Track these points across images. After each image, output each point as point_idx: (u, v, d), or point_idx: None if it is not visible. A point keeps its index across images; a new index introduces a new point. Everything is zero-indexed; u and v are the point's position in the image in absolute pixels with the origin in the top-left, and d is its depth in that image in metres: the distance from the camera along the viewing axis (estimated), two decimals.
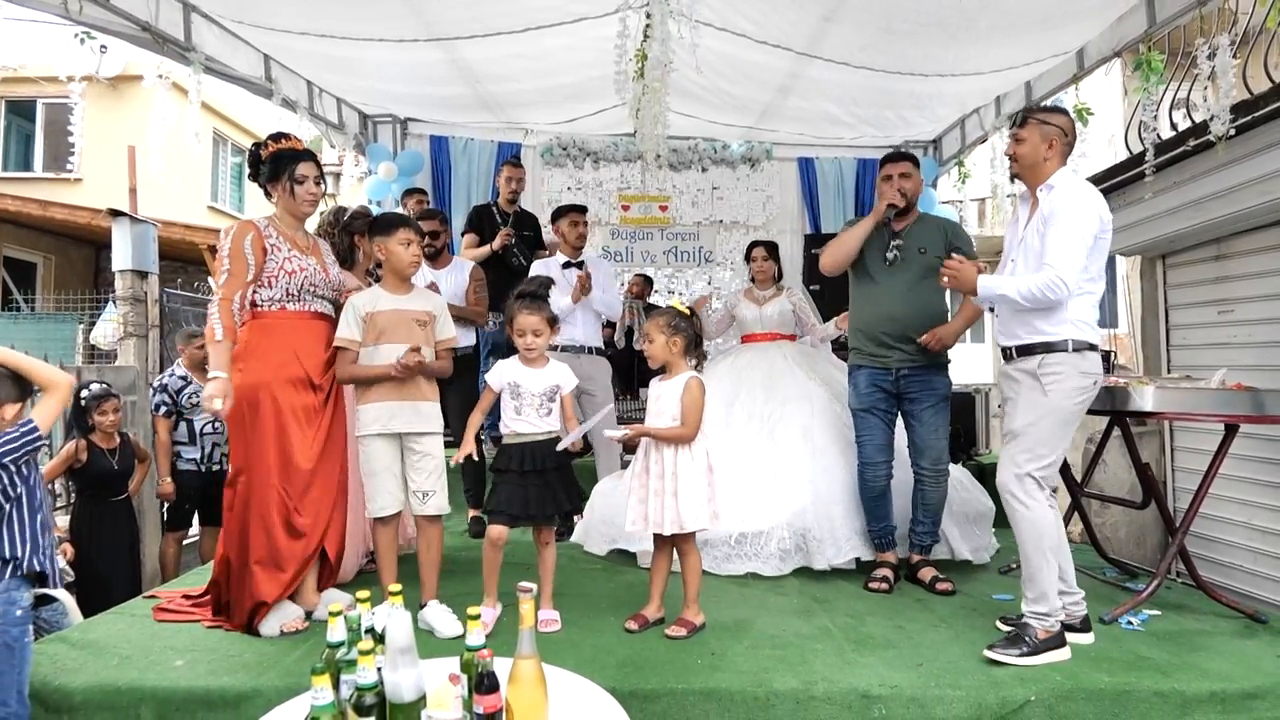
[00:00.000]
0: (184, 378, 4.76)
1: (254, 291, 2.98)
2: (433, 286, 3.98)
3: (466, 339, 4.44)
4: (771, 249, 4.60)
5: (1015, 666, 2.63)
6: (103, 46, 4.21)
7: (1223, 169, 4.19)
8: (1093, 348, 2.81)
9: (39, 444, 2.44)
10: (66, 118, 4.74)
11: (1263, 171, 3.98)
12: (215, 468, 4.81)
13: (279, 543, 2.95)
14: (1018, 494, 2.80)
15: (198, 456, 4.75)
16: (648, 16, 3.60)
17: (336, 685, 1.79)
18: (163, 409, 4.67)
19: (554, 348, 4.47)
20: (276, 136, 3.12)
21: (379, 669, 1.74)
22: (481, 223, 5.30)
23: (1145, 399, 3.30)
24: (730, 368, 4.45)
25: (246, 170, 3.16)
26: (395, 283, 3.16)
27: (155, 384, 4.81)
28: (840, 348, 4.85)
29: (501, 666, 1.85)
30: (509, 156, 6.12)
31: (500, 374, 3.04)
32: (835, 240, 3.72)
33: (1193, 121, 4.36)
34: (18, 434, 2.38)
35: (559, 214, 4.66)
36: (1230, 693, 2.53)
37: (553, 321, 3.05)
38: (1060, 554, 2.87)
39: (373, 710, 1.70)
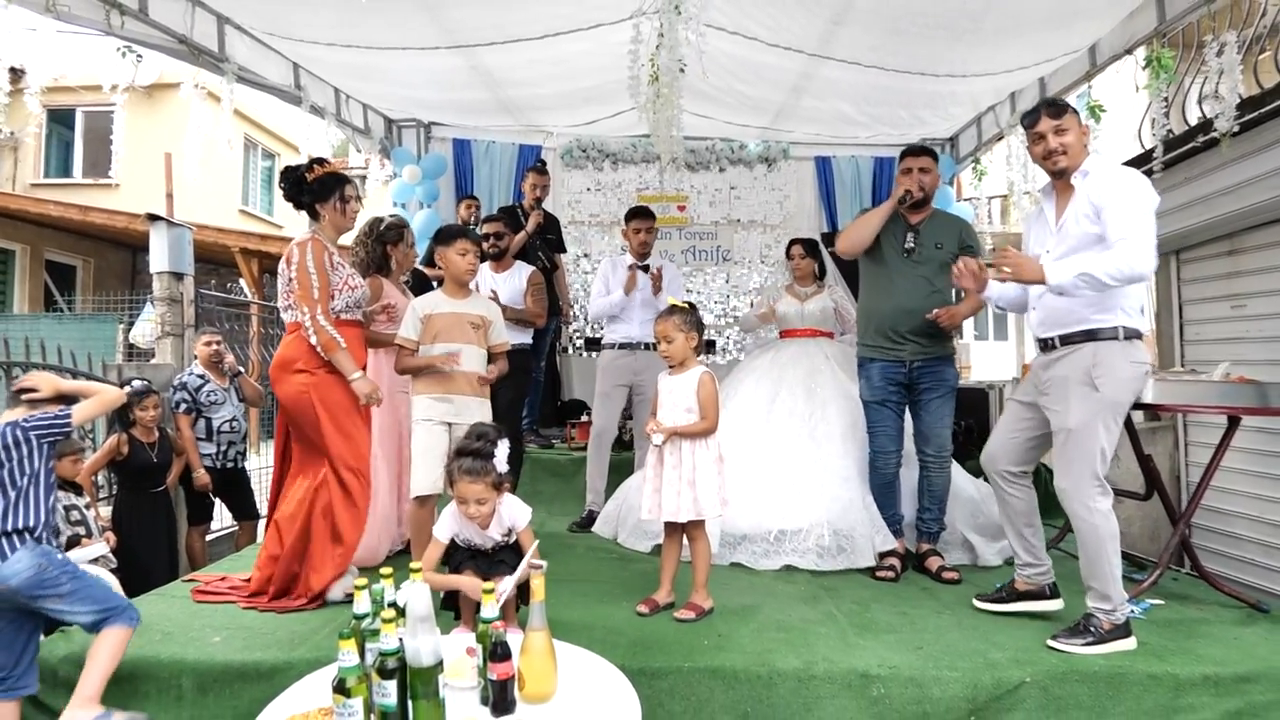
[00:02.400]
0: (202, 376, 4.93)
1: None
2: (493, 295, 4.27)
3: (522, 337, 4.65)
4: (810, 247, 4.69)
5: (1076, 655, 2.67)
6: (139, 57, 4.42)
7: (1231, 165, 4.21)
8: (1139, 335, 2.78)
9: (67, 431, 2.62)
10: (104, 125, 4.99)
11: (1271, 167, 4.01)
12: (230, 465, 5.01)
13: (360, 520, 3.24)
14: (1079, 500, 2.78)
15: (213, 453, 4.91)
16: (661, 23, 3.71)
17: (362, 653, 1.94)
18: (183, 406, 4.84)
19: (611, 345, 4.69)
20: (320, 161, 3.39)
21: (400, 637, 1.89)
22: (509, 223, 5.47)
23: (1147, 391, 3.35)
24: (772, 363, 4.50)
25: (280, 189, 3.41)
26: (454, 288, 3.51)
27: (175, 382, 4.97)
28: None
29: (515, 640, 1.99)
30: (534, 163, 6.26)
31: (448, 527, 2.66)
32: (853, 223, 3.76)
33: (1203, 115, 4.38)
34: (51, 417, 2.56)
35: (630, 216, 4.86)
36: (1224, 676, 2.58)
37: (499, 485, 2.59)
38: (1033, 527, 3.02)
39: (394, 674, 1.85)
